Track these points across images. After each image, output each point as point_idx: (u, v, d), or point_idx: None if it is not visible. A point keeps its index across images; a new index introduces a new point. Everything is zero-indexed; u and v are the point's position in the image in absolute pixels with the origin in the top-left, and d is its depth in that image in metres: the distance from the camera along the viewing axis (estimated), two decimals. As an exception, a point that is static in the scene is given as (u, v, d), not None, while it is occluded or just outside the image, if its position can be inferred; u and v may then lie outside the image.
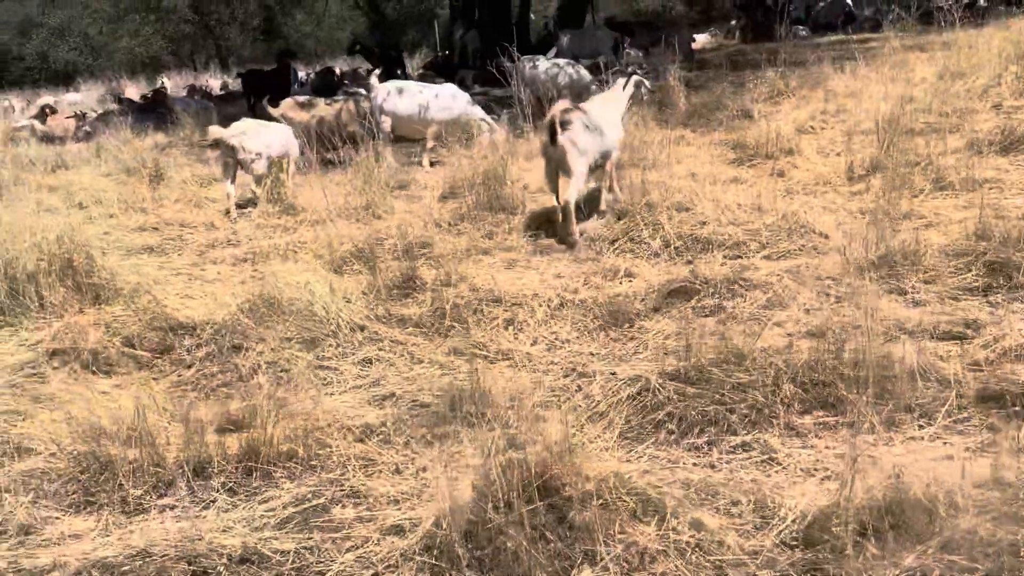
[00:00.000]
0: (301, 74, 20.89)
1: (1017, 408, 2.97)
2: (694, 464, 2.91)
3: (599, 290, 4.49)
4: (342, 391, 3.71)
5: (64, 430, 3.25)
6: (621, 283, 4.55)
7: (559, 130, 5.10)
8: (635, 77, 5.96)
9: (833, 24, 23.59)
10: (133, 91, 26.04)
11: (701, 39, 23.69)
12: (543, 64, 9.53)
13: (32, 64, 41.57)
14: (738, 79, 10.32)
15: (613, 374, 3.54)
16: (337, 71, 16.03)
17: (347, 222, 6.16)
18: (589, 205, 5.80)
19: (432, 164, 8.07)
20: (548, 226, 5.58)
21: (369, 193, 6.55)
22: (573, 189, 5.22)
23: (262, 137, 6.59)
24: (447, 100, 8.15)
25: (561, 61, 9.64)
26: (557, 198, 5.46)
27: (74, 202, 7.58)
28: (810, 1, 27.08)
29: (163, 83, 27.49)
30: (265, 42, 46.50)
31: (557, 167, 5.34)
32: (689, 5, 39.48)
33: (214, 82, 28.39)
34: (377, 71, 8.69)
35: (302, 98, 9.14)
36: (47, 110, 18.33)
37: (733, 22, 25.38)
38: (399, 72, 15.76)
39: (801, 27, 22.89)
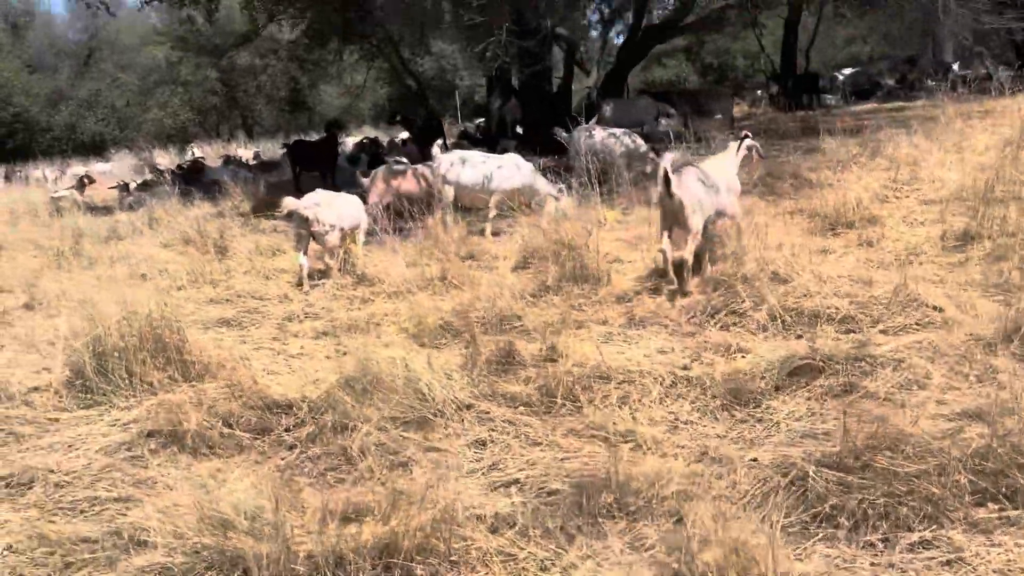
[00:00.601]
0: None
1: None
2: (873, 564, 2.68)
3: (712, 366, 4.30)
4: (460, 476, 3.52)
5: (181, 519, 3.07)
6: (734, 359, 4.36)
7: (674, 181, 5.20)
8: (747, 140, 5.98)
9: (862, 93, 23.78)
10: (164, 161, 26.46)
11: (729, 108, 24.02)
12: (599, 133, 9.52)
13: (60, 135, 42.48)
14: (792, 147, 10.28)
15: (755, 460, 3.34)
16: (383, 141, 16.18)
17: (425, 294, 6.05)
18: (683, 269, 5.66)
19: (495, 234, 7.99)
20: (639, 297, 5.44)
21: (444, 263, 6.46)
22: (692, 242, 5.33)
23: (335, 208, 6.53)
24: (511, 170, 8.12)
25: (617, 131, 9.63)
26: (664, 258, 5.45)
27: (137, 273, 7.53)
28: (836, 72, 27.45)
29: (194, 153, 27.99)
30: (291, 113, 47.53)
31: (673, 220, 5.39)
32: (702, 75, 40.06)
33: (244, 152, 28.80)
34: (439, 141, 8.69)
35: (399, 167, 9.14)
36: (85, 180, 18.54)
37: (759, 92, 25.70)
38: (441, 142, 15.89)
39: (829, 96, 23.07)
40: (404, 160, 15.11)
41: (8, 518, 3.35)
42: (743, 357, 4.38)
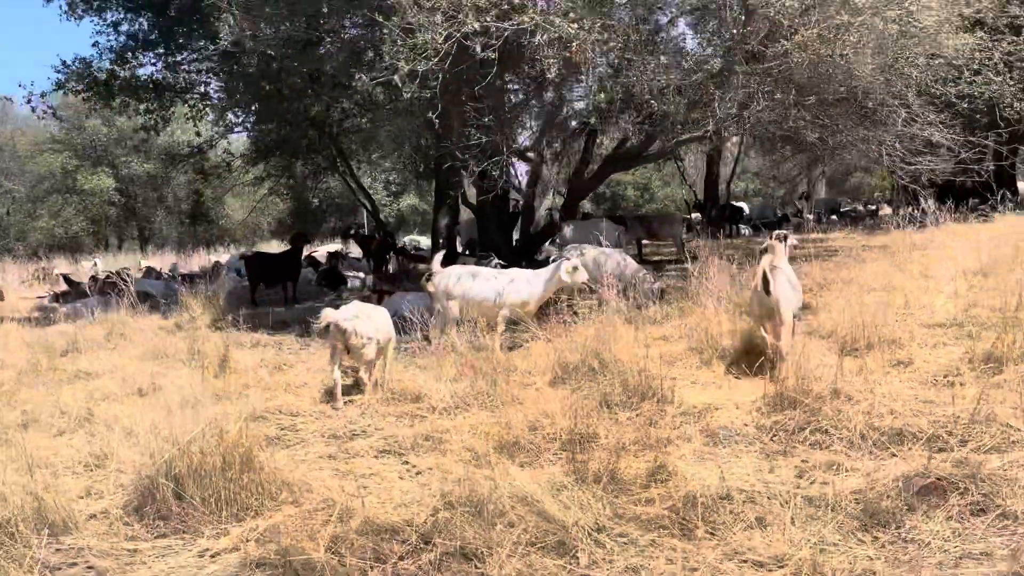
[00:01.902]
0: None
1: None
2: None
3: (827, 486, 4.29)
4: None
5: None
6: (846, 478, 4.37)
7: (772, 281, 5.95)
8: (790, 239, 6.39)
9: (767, 225, 25.36)
10: (63, 272, 25.09)
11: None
12: (591, 252, 9.70)
13: None
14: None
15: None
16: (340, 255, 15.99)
17: (474, 410, 5.86)
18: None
19: (511, 348, 7.89)
20: (713, 414, 5.43)
21: (481, 378, 6.31)
22: (786, 333, 6.02)
23: (373, 321, 6.32)
24: (523, 284, 8.14)
25: (608, 250, 9.84)
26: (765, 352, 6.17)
27: (132, 389, 6.99)
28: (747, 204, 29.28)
29: (96, 264, 26.75)
30: (192, 225, 46.43)
31: (766, 315, 6.17)
32: (596, 204, 41.56)
33: (147, 264, 27.62)
34: (438, 257, 8.61)
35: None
36: (-2, 294, 17.33)
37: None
38: (394, 256, 15.83)
39: (743, 226, 24.49)
40: (360, 275, 14.98)
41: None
42: (849, 475, 4.39)
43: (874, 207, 30.48)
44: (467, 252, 15.45)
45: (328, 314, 6.14)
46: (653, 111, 9.67)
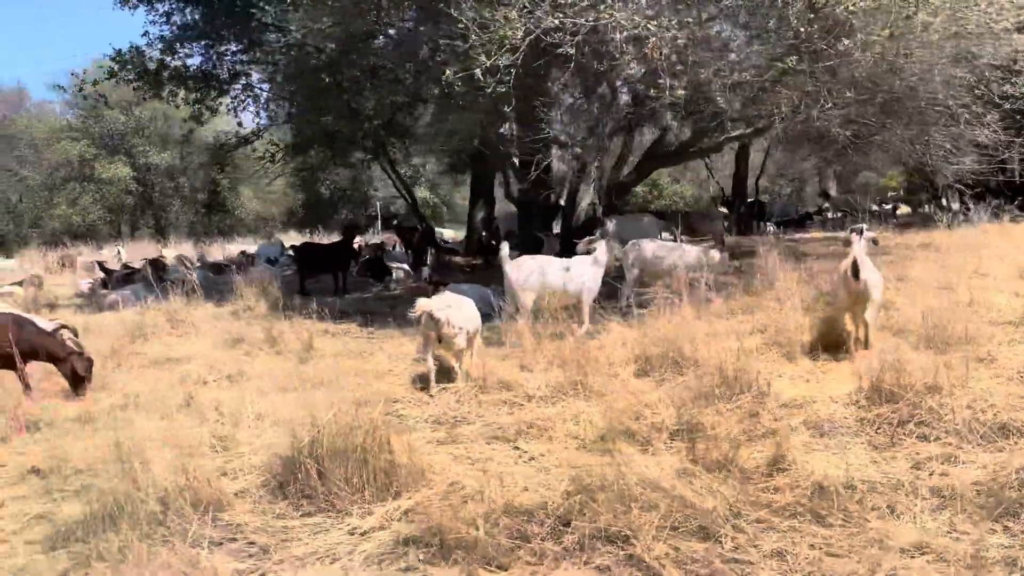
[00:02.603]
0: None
1: None
2: None
3: (945, 477, 4.40)
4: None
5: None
6: (963, 469, 4.48)
7: (860, 267, 6.37)
8: (867, 233, 6.60)
9: (790, 222, 25.40)
10: (87, 259, 25.18)
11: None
12: (650, 246, 9.83)
13: None
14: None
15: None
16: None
17: (571, 400, 5.99)
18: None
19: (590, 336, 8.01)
20: (810, 407, 5.54)
21: (570, 368, 6.43)
22: (874, 311, 6.62)
23: (464, 311, 6.44)
24: (587, 269, 8.32)
25: (668, 243, 9.98)
26: (854, 333, 6.69)
27: (220, 375, 7.12)
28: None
29: (120, 251, 26.86)
30: (208, 215, 46.57)
31: (856, 301, 6.56)
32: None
33: (170, 252, 27.72)
34: (504, 246, 8.67)
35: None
36: (34, 280, 17.44)
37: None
38: (436, 245, 15.95)
39: (769, 223, 24.55)
40: (404, 266, 15.10)
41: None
42: (965, 466, 4.50)
43: (890, 206, 30.51)
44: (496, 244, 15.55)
45: (423, 303, 6.25)
46: (718, 108, 9.76)
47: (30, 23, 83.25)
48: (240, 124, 16.09)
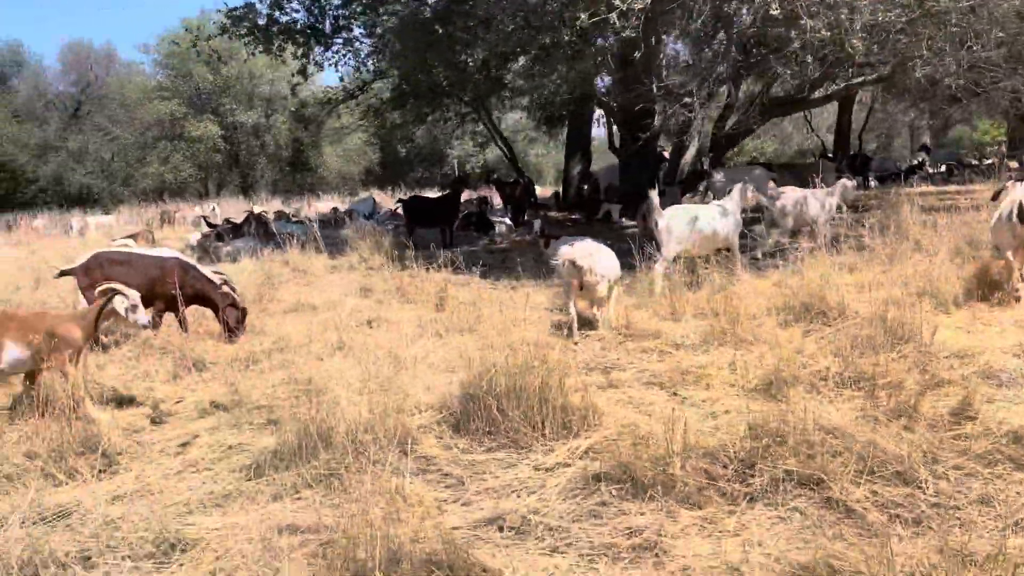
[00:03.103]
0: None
1: None
2: None
3: None
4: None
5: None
6: None
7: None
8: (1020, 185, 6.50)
9: (887, 178, 24.48)
10: (187, 215, 25.89)
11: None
12: (792, 194, 9.65)
13: (46, 186, 41.35)
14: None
15: None
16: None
17: (716, 347, 5.93)
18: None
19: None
20: (979, 356, 5.35)
21: (719, 316, 6.36)
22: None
23: (604, 260, 6.41)
24: (731, 216, 8.21)
25: (808, 193, 9.80)
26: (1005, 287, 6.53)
27: (361, 320, 7.27)
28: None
29: (216, 208, 27.57)
30: (292, 173, 47.44)
31: (1020, 243, 6.47)
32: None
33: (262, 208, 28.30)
34: (653, 193, 8.54)
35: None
36: (147, 234, 18.07)
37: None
38: (532, 200, 15.90)
39: (870, 179, 23.72)
40: (506, 220, 15.12)
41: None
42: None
43: (990, 160, 29.05)
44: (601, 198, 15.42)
45: (565, 252, 6.24)
46: (839, 54, 9.38)
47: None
48: (342, 79, 16.25)
